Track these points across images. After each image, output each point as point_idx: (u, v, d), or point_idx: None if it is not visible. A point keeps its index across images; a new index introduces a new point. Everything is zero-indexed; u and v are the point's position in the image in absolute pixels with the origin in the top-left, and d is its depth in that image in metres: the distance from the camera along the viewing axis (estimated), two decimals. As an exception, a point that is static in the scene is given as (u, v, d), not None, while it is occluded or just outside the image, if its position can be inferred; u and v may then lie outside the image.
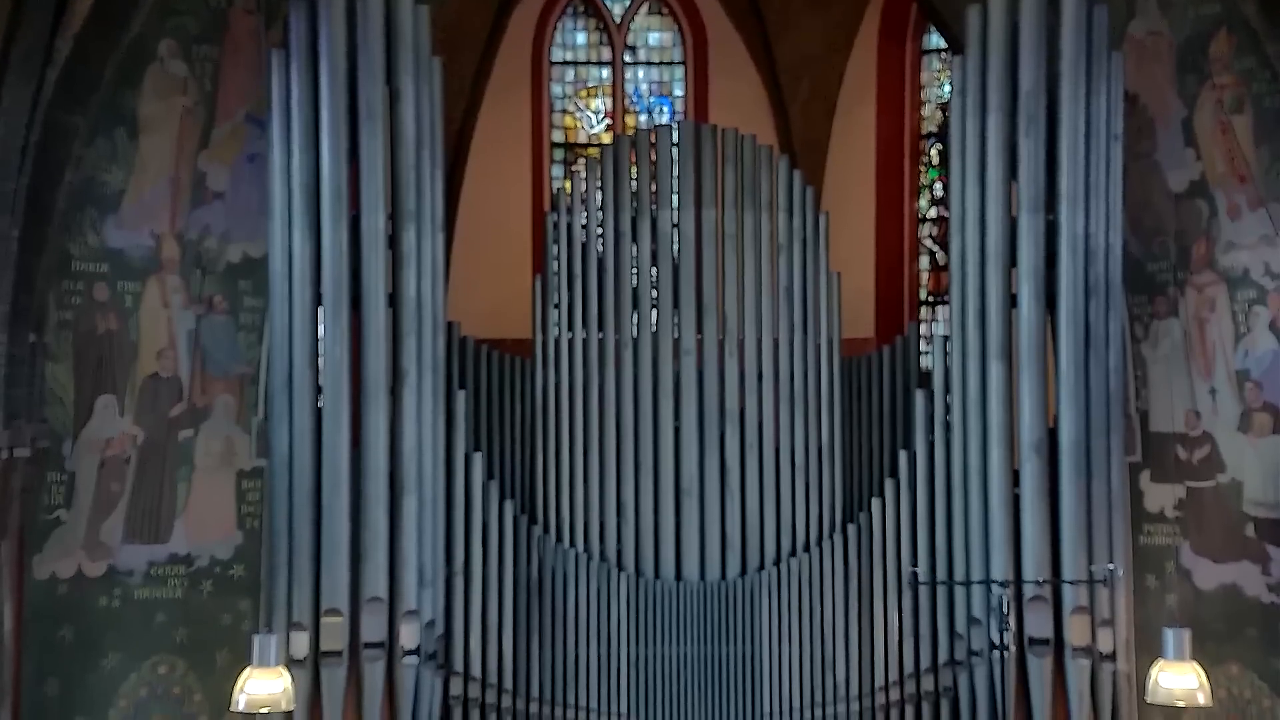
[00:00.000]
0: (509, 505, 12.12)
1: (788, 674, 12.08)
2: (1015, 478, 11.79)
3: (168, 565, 12.03)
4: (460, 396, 12.11)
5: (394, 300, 11.76)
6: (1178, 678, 9.98)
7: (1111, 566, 11.39)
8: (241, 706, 10.18)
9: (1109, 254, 11.77)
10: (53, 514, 11.84)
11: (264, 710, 10.44)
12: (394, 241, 11.78)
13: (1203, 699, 9.98)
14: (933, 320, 15.07)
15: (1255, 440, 11.83)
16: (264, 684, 10.12)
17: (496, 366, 12.64)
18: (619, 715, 12.01)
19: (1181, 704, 10.25)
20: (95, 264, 11.99)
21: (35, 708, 11.69)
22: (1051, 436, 11.76)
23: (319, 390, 11.61)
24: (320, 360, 11.64)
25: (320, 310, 11.64)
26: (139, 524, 12.01)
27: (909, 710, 12.04)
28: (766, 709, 12.04)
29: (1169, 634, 9.99)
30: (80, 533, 11.89)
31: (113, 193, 12.02)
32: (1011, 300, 11.89)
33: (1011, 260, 11.89)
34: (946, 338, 12.25)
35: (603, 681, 12.04)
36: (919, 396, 12.31)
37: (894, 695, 12.05)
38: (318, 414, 11.57)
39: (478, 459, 12.09)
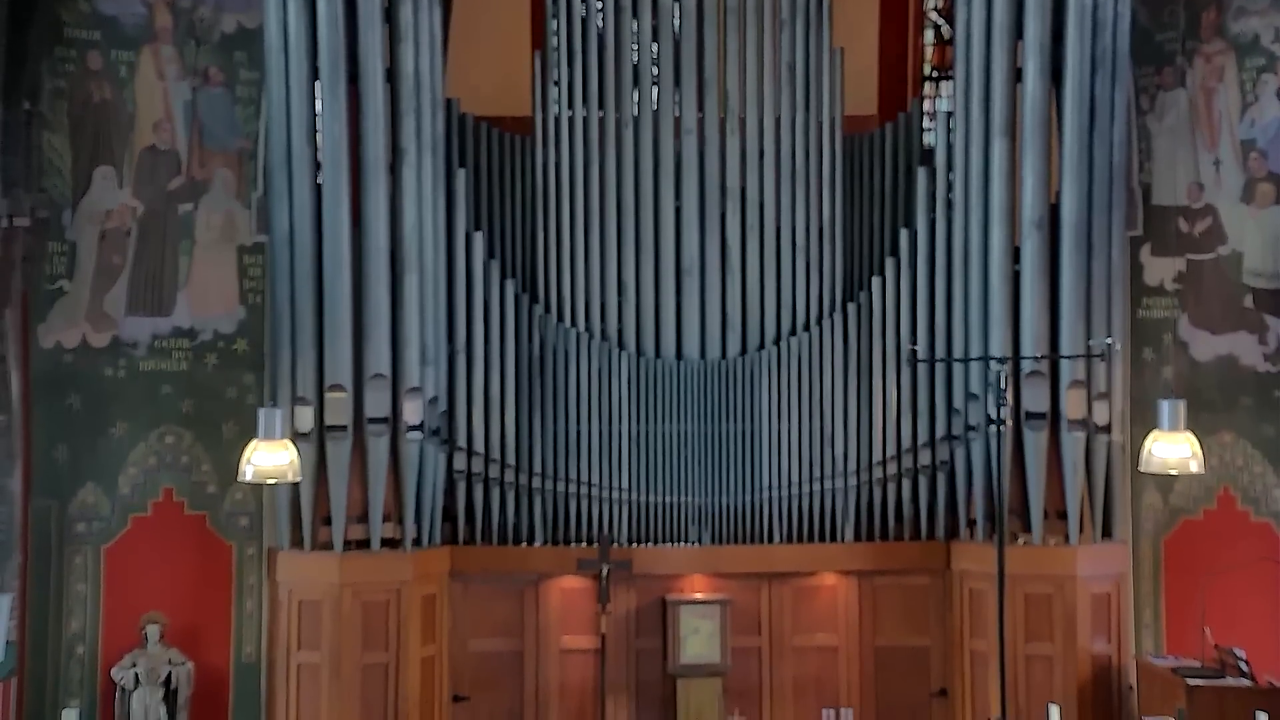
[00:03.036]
0: (510, 284, 12.15)
1: (787, 450, 12.23)
2: (1016, 255, 11.78)
3: (171, 338, 12.10)
4: (460, 175, 12.05)
5: (392, 76, 11.63)
6: (1171, 447, 10.07)
7: (1109, 340, 11.46)
8: (249, 477, 10.32)
9: (1117, 25, 11.58)
10: (55, 284, 11.87)
11: (271, 481, 10.60)
12: (391, 15, 11.60)
13: (1195, 467, 10.09)
14: (936, 96, 14.84)
15: (1257, 211, 11.83)
16: (270, 456, 10.25)
17: (497, 145, 12.52)
18: (620, 490, 12.18)
19: (1174, 472, 10.39)
20: (87, 31, 11.81)
21: (47, 472, 11.87)
22: (1053, 212, 11.72)
23: (318, 167, 11.54)
24: (319, 136, 11.54)
25: (317, 85, 11.49)
26: (141, 296, 12.05)
27: (906, 484, 12.21)
28: (766, 483, 12.21)
29: (1164, 405, 10.06)
30: (83, 303, 11.93)
31: (101, -46, 11.83)
32: (1017, 75, 11.74)
33: (1018, 33, 11.70)
34: (950, 114, 12.15)
35: (604, 457, 12.19)
36: (921, 174, 12.24)
37: (891, 470, 12.21)
38: (317, 191, 11.52)
39: (478, 238, 12.08)
